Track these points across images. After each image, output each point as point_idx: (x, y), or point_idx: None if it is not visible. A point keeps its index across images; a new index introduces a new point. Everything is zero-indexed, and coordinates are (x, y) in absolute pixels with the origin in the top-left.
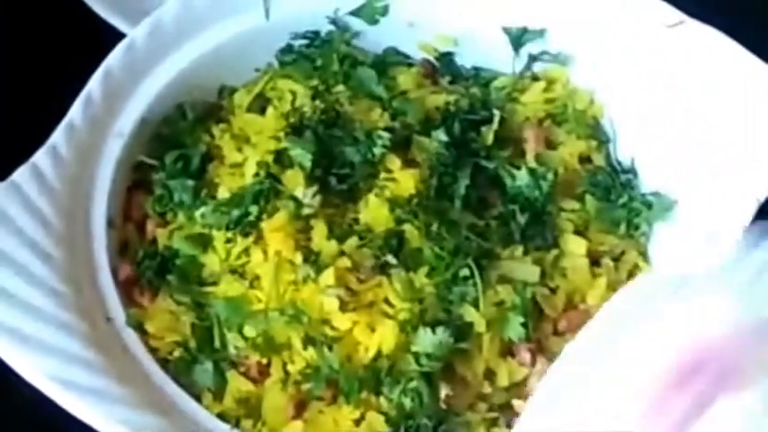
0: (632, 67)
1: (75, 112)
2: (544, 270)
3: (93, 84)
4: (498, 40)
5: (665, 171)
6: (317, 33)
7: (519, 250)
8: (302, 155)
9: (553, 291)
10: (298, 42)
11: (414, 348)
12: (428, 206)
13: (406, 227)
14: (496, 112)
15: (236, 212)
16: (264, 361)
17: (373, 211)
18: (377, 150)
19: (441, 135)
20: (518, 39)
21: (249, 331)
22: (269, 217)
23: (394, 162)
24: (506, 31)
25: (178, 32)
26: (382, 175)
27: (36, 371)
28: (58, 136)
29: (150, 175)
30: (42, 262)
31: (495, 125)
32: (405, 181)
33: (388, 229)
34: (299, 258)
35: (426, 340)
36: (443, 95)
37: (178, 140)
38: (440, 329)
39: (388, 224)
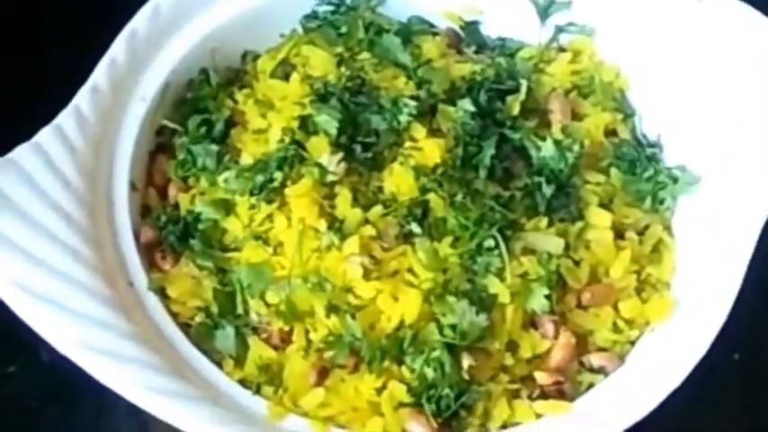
0: (659, 40)
1: (100, 74)
2: (568, 242)
3: (118, 46)
4: (524, 10)
5: (690, 145)
6: (342, 0)
7: (544, 222)
8: (327, 122)
9: (577, 263)
10: (322, 9)
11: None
12: (453, 176)
13: (431, 196)
14: (523, 82)
15: (260, 178)
16: (287, 328)
17: (398, 180)
18: (402, 118)
19: (466, 104)
20: (545, 9)
21: (272, 298)
22: (293, 183)
23: (419, 131)
24: (533, 1)
25: None
26: (407, 143)
27: (57, 333)
28: (81, 98)
29: (173, 140)
30: (64, 223)
31: (522, 95)
32: (430, 150)
33: (412, 198)
34: (323, 225)
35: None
36: (469, 65)
37: (201, 105)
38: (464, 301)
39: (413, 193)
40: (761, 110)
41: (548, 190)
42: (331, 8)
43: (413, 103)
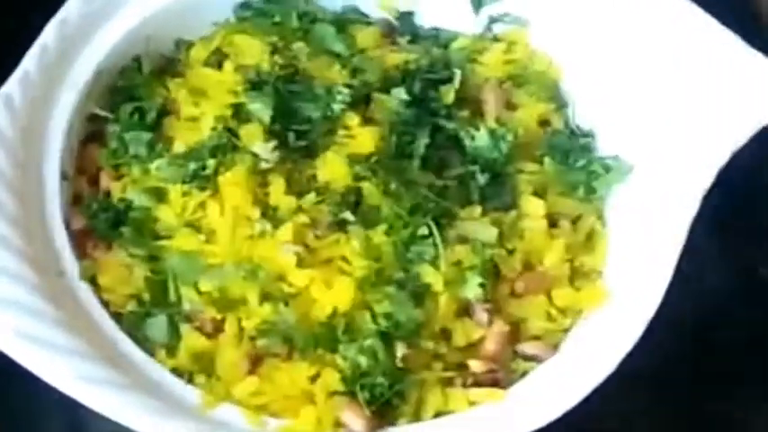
0: (592, 31)
1: (30, 61)
2: (502, 231)
3: (48, 33)
4: (459, 0)
5: (623, 135)
6: None
7: (477, 211)
8: (261, 109)
9: (511, 252)
10: None
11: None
12: (387, 164)
13: (365, 184)
14: (457, 72)
15: (192, 166)
16: (219, 316)
17: (332, 168)
18: (336, 107)
19: (400, 93)
20: (478, 0)
21: (204, 286)
22: (226, 171)
23: (353, 119)
24: None
25: None
26: (341, 131)
27: None
28: (11, 85)
29: (105, 128)
30: None
31: (455, 84)
32: (364, 138)
33: (346, 186)
34: (256, 213)
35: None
36: (403, 54)
37: (134, 93)
38: (400, 293)
39: (347, 181)
40: (695, 100)
41: (482, 179)
42: None
43: (346, 90)
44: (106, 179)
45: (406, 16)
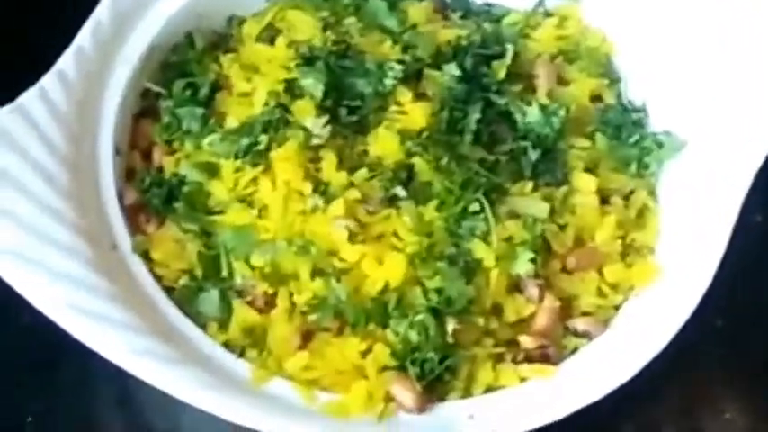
0: (644, 5)
1: (84, 36)
2: (554, 207)
3: (103, 9)
4: None
5: (676, 111)
6: None
7: (529, 186)
8: (313, 85)
9: (562, 228)
10: None
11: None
12: (438, 140)
13: (416, 160)
14: (509, 47)
15: (245, 141)
16: (271, 291)
17: (383, 144)
18: (388, 82)
19: (452, 69)
20: None
21: (256, 261)
22: (278, 147)
23: (405, 95)
24: None
25: None
26: (393, 107)
27: (41, 295)
28: (66, 60)
29: (158, 103)
30: (48, 185)
31: (507, 60)
32: (415, 114)
33: (397, 162)
34: (308, 189)
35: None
36: (455, 30)
37: (186, 69)
38: (452, 269)
39: (398, 157)
40: (747, 74)
41: (533, 154)
42: None
43: (398, 66)
44: (159, 154)
45: None
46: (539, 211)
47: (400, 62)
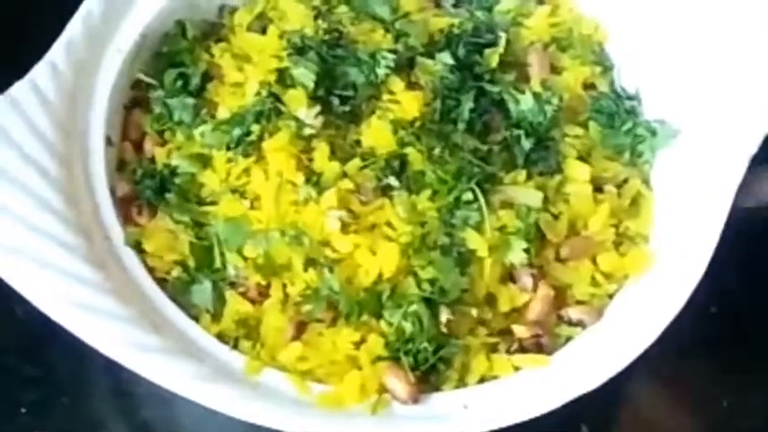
0: None
1: (74, 27)
2: (547, 196)
3: (93, 0)
4: None
5: (669, 99)
6: None
7: (522, 175)
8: (305, 74)
9: (556, 217)
10: None
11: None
12: (431, 129)
13: (409, 150)
14: (502, 35)
15: (237, 132)
16: (264, 282)
17: (376, 133)
18: (380, 71)
19: (445, 57)
20: None
21: (249, 252)
22: (270, 137)
23: (397, 84)
24: None
25: None
26: (385, 96)
27: (33, 288)
28: (56, 51)
29: (149, 94)
30: (39, 177)
31: (500, 48)
32: (408, 103)
33: (390, 152)
34: (300, 179)
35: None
36: (447, 18)
37: (177, 59)
38: (446, 258)
39: (391, 147)
40: (740, 62)
41: (526, 143)
42: None
43: (390, 56)
44: (150, 145)
45: None
46: (532, 200)
47: (392, 51)
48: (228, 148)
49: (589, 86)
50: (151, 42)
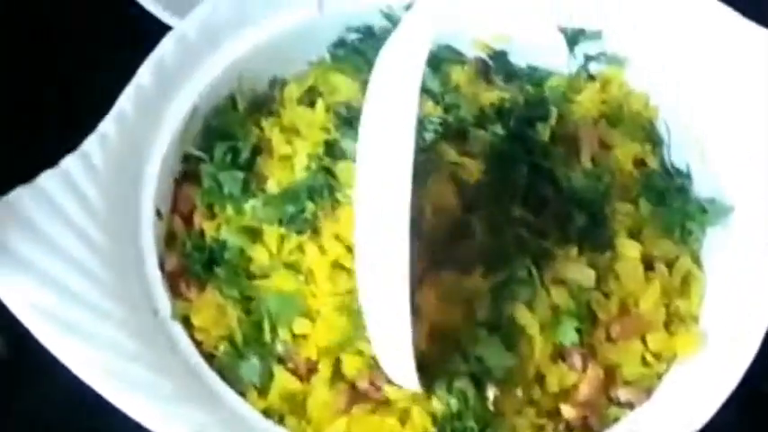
0: (689, 70)
1: (126, 100)
2: (598, 273)
3: (144, 73)
4: (553, 38)
5: (720, 176)
6: (370, 28)
7: (574, 252)
8: (353, 146)
9: (606, 295)
10: (351, 36)
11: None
12: (491, 199)
13: (470, 218)
14: (553, 109)
15: (290, 209)
16: (314, 358)
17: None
18: (428, 136)
19: (497, 129)
20: (574, 39)
21: (300, 328)
22: (325, 216)
23: (449, 151)
24: (562, 30)
25: (230, 25)
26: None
27: (78, 359)
28: (107, 124)
29: (199, 167)
30: (89, 249)
31: (552, 121)
32: (466, 168)
33: (454, 218)
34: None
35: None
36: (497, 92)
37: (228, 132)
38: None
39: (455, 214)
40: None
41: (579, 219)
42: (359, 36)
43: (437, 119)
44: (200, 218)
45: (500, 55)
46: (585, 278)
47: (443, 121)
48: (281, 224)
49: (639, 163)
50: (202, 115)
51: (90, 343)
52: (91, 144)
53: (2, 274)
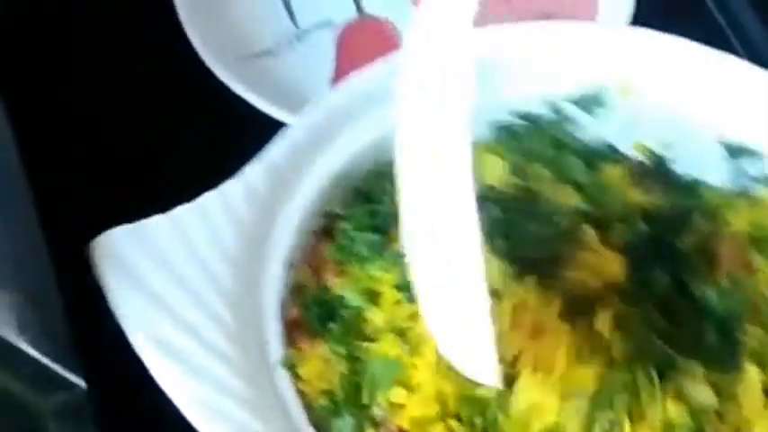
0: None
1: (278, 150)
2: (719, 395)
3: (299, 125)
4: (713, 151)
5: None
6: (532, 116)
7: (700, 369)
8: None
9: (720, 415)
10: (513, 121)
11: None
12: (628, 296)
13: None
14: (702, 221)
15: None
16: (405, 426)
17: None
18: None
19: (641, 226)
20: (734, 155)
21: (398, 396)
22: None
23: (590, 234)
24: (724, 144)
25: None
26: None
27: (176, 386)
28: (253, 170)
29: (336, 224)
30: (210, 284)
31: (696, 234)
32: (608, 259)
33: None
34: None
35: None
36: (647, 195)
37: (371, 195)
38: None
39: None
40: None
41: (710, 337)
42: (521, 122)
43: (573, 205)
44: (328, 274)
45: (658, 159)
46: (706, 397)
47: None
48: (399, 290)
49: None
50: (350, 175)
51: (191, 373)
52: (232, 184)
53: (133, 308)
